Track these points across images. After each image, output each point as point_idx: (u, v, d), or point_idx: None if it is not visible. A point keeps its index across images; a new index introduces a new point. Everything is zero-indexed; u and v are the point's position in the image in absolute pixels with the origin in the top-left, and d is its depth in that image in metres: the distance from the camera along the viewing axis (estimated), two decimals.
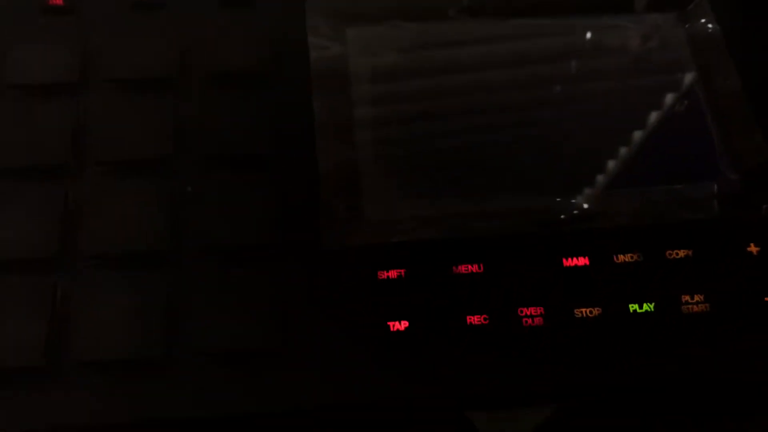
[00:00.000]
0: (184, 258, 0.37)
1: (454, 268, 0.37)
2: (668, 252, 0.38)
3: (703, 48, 0.44)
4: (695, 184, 0.40)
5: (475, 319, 0.36)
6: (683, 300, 0.37)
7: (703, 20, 0.45)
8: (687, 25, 0.45)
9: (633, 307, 0.36)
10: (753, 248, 0.38)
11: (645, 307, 0.36)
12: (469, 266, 0.37)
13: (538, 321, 0.36)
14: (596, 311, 0.36)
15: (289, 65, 0.42)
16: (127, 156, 0.39)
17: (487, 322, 0.36)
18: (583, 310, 0.36)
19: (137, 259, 0.36)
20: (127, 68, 0.41)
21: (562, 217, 0.39)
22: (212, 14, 0.43)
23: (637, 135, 0.42)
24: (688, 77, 0.43)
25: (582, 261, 0.37)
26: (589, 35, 0.45)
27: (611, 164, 0.41)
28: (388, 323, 0.35)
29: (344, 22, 0.44)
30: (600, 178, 0.41)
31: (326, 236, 0.38)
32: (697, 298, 0.37)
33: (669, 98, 0.43)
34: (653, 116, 0.43)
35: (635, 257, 0.37)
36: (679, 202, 0.40)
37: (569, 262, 0.37)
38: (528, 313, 0.36)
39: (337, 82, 0.42)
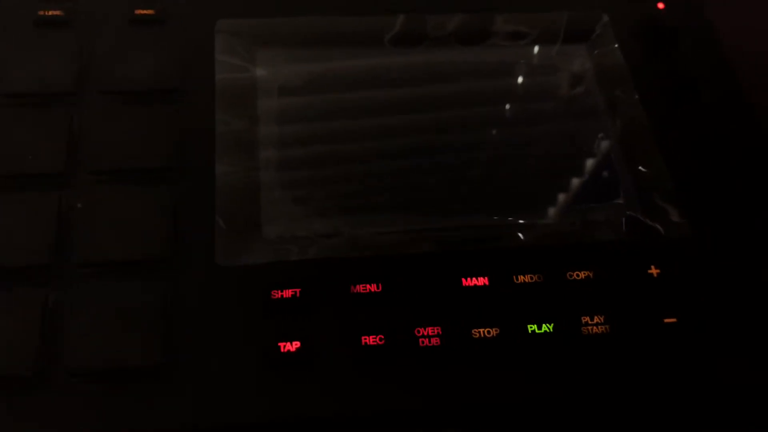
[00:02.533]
0: (68, 273, 0.35)
1: (351, 287, 0.36)
2: (569, 273, 0.37)
3: (609, 78, 0.45)
4: (598, 206, 0.40)
5: (370, 340, 0.35)
6: (583, 321, 0.36)
7: (607, 50, 0.45)
8: (594, 53, 0.46)
9: (532, 327, 0.36)
10: (653, 270, 0.38)
11: (544, 327, 0.36)
12: (367, 285, 0.36)
13: (435, 341, 0.35)
14: (494, 332, 0.35)
15: (195, 82, 0.42)
16: (17, 170, 0.38)
17: (383, 342, 0.35)
18: (481, 330, 0.35)
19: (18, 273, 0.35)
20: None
21: (463, 237, 0.38)
22: (122, 30, 0.43)
23: (542, 160, 0.42)
24: (597, 105, 0.44)
25: (481, 281, 0.37)
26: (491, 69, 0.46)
27: (514, 186, 0.41)
28: (279, 344, 0.34)
29: (255, 43, 0.44)
30: (502, 199, 0.40)
31: (220, 253, 0.36)
32: (597, 319, 0.36)
33: (576, 123, 0.43)
34: (560, 141, 0.43)
35: (535, 278, 0.37)
36: (581, 223, 0.39)
37: (468, 282, 0.37)
38: (425, 333, 0.35)
39: (243, 100, 0.42)
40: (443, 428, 0.34)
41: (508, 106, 0.44)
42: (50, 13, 0.43)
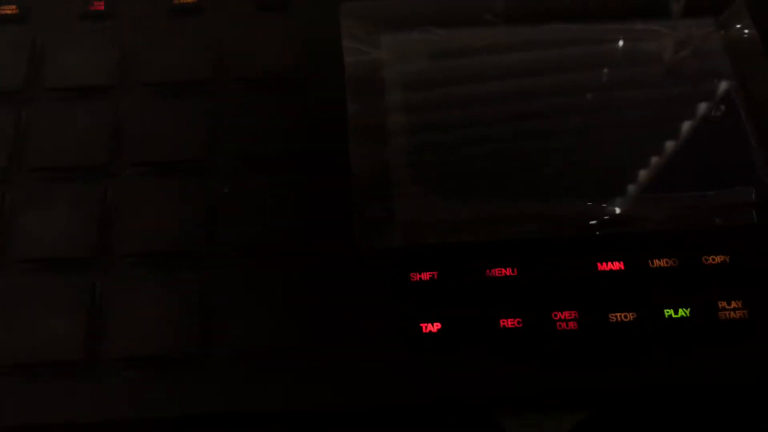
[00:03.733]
0: (219, 257, 0.37)
1: (487, 271, 0.37)
2: (705, 258, 0.37)
3: (740, 54, 0.44)
4: (732, 190, 0.40)
5: (508, 323, 0.36)
6: (720, 306, 0.36)
7: (739, 26, 0.44)
8: (723, 31, 0.45)
9: (668, 312, 0.36)
10: None
11: (680, 312, 0.36)
12: (503, 270, 0.37)
13: (572, 325, 0.36)
14: (631, 316, 0.36)
15: (323, 69, 0.43)
16: (162, 158, 0.39)
17: (520, 325, 0.35)
18: (618, 314, 0.36)
19: (173, 258, 0.37)
20: (164, 72, 0.42)
21: (596, 221, 0.39)
22: (248, 17, 0.44)
23: (672, 142, 0.42)
24: (724, 84, 0.43)
25: (617, 266, 0.37)
26: (622, 42, 0.45)
27: (645, 170, 0.41)
28: (421, 325, 0.35)
29: (378, 27, 0.44)
30: (633, 184, 0.40)
31: (359, 238, 0.38)
32: (734, 304, 0.36)
33: (704, 105, 0.43)
34: (688, 123, 0.42)
35: (671, 262, 0.37)
36: (714, 208, 0.39)
37: (604, 267, 0.37)
38: (562, 317, 0.36)
39: (371, 87, 0.43)
40: (585, 409, 0.35)
41: (634, 91, 0.44)
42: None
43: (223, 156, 0.40)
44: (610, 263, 0.37)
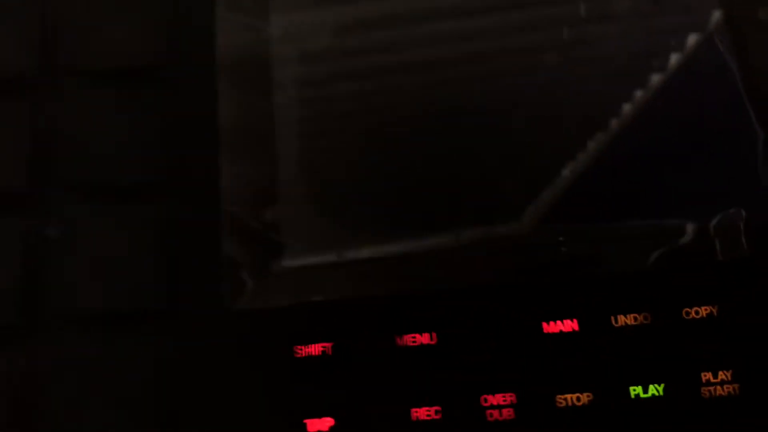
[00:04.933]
0: (43, 329, 0.28)
1: (397, 339, 0.28)
2: (686, 310, 0.28)
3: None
4: (726, 209, 0.30)
5: (422, 413, 0.27)
6: (704, 379, 0.27)
7: None
8: None
9: (635, 390, 0.27)
10: None
11: (652, 390, 0.27)
12: (417, 336, 0.28)
13: (507, 413, 0.27)
14: (586, 398, 0.27)
15: (191, 56, 0.32)
16: None
17: (439, 416, 0.27)
18: (568, 396, 0.27)
19: None
20: None
21: (543, 262, 0.29)
22: None
23: (642, 145, 0.32)
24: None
25: (569, 325, 0.28)
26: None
27: (612, 186, 0.31)
28: (305, 421, 0.27)
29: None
30: (595, 197, 0.30)
31: (228, 293, 0.28)
32: (722, 375, 0.27)
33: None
34: (677, 108, 0.32)
35: (641, 318, 0.28)
36: (702, 234, 0.30)
37: (552, 328, 0.28)
38: (494, 402, 0.27)
39: (253, 76, 0.32)
40: None
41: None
42: None
43: (50, 184, 0.30)
44: (559, 322, 0.28)
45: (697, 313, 0.28)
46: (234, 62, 0.32)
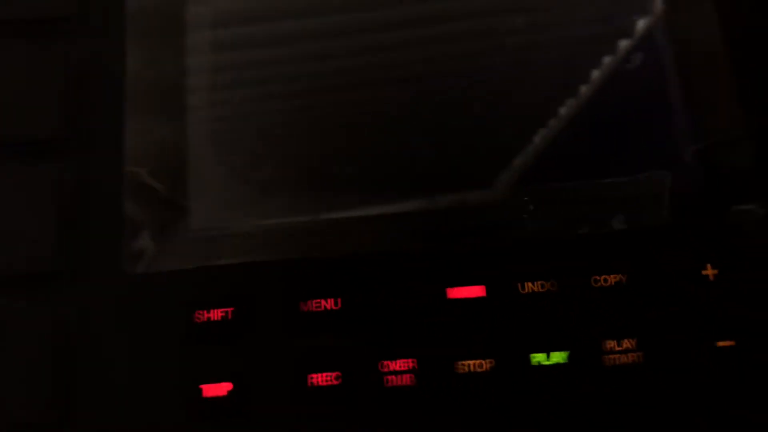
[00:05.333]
0: None
1: (301, 304, 0.27)
2: (594, 278, 0.28)
3: None
4: (639, 177, 0.30)
5: (322, 378, 0.27)
6: (607, 347, 0.27)
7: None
8: None
9: (537, 358, 0.27)
10: (709, 271, 0.28)
11: (555, 357, 0.27)
12: (322, 301, 0.27)
13: (406, 379, 0.27)
14: (487, 364, 0.27)
15: (96, 10, 0.31)
16: None
17: (339, 381, 0.27)
18: (469, 363, 0.27)
19: None
20: None
21: (450, 227, 0.29)
22: None
23: (557, 108, 0.31)
24: (643, 21, 0.32)
25: (474, 291, 0.28)
26: None
27: (522, 151, 0.30)
28: (201, 387, 0.26)
29: None
30: (503, 171, 0.30)
31: (130, 255, 0.28)
32: (626, 344, 0.27)
33: (609, 55, 0.32)
34: (581, 80, 0.31)
35: (548, 285, 0.28)
36: (613, 202, 0.29)
37: (456, 293, 0.28)
38: (394, 366, 0.27)
39: (164, 32, 0.31)
40: None
41: (518, 33, 0.32)
42: None
43: None
44: (464, 288, 0.28)
45: (605, 281, 0.28)
46: (145, 16, 0.31)
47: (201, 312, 0.27)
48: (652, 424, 0.26)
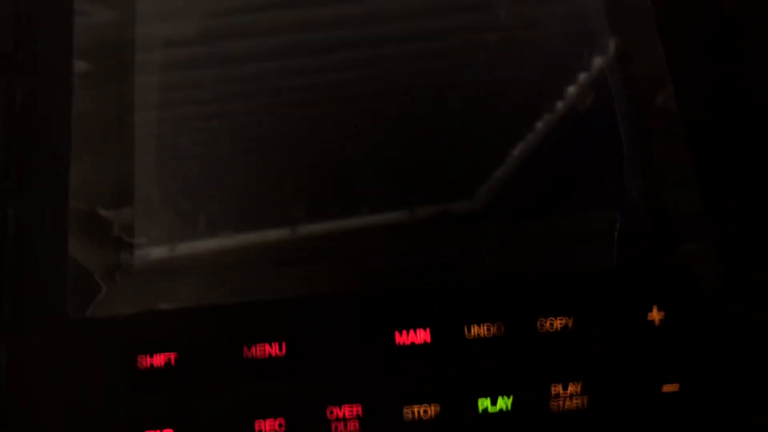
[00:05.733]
0: None
1: (245, 349, 0.27)
2: (540, 322, 0.28)
3: (624, 18, 0.32)
4: (587, 215, 0.30)
5: (267, 425, 0.26)
6: (553, 392, 0.27)
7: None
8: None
9: (483, 403, 0.27)
10: (655, 314, 0.28)
11: (500, 403, 0.27)
12: (267, 347, 0.27)
13: (352, 426, 0.26)
14: (433, 410, 0.27)
15: (43, 38, 0.30)
16: None
17: (282, 428, 0.26)
18: (415, 408, 0.27)
19: None
20: None
21: (395, 269, 0.29)
22: None
23: (510, 142, 0.31)
24: (599, 58, 0.32)
25: (421, 336, 0.28)
26: None
27: (468, 185, 0.30)
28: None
29: None
30: (449, 203, 0.30)
31: (71, 300, 0.27)
32: (572, 388, 0.27)
33: (564, 90, 0.32)
34: (535, 116, 0.31)
35: (493, 330, 0.28)
36: (560, 242, 0.29)
37: (404, 338, 0.27)
38: (339, 414, 0.27)
39: (111, 62, 0.31)
40: None
41: (478, 56, 0.32)
42: None
43: None
44: (411, 332, 0.28)
45: (551, 325, 0.28)
46: (93, 45, 0.30)
47: (143, 357, 0.27)
48: None
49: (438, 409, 0.27)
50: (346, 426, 0.26)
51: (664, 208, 0.30)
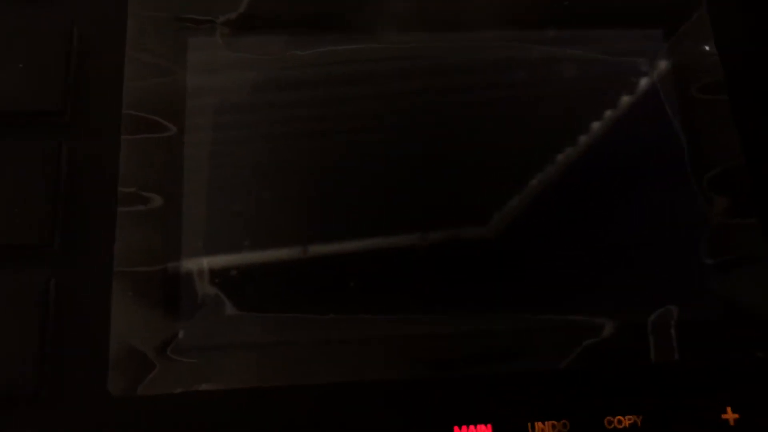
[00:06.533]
0: None
1: None
2: (608, 419, 0.26)
3: (698, 106, 0.31)
4: (661, 302, 0.28)
5: None
6: None
7: (697, 46, 0.31)
8: (674, 55, 0.31)
9: None
10: (729, 414, 0.26)
11: None
12: None
13: None
14: None
15: (92, 101, 0.29)
16: None
17: None
18: None
19: None
20: None
21: (457, 354, 0.27)
22: None
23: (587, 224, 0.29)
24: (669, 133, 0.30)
25: (481, 431, 0.26)
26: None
27: (542, 263, 0.29)
28: None
29: (183, 31, 0.30)
30: (520, 288, 0.28)
31: (115, 377, 0.26)
32: None
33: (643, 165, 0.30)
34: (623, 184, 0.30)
35: (559, 427, 0.26)
36: (632, 330, 0.28)
37: None
38: None
39: (162, 123, 0.29)
40: None
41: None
42: None
43: None
44: (472, 428, 0.26)
45: (619, 422, 0.26)
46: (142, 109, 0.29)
47: None
48: None
49: None
50: None
51: (739, 300, 0.28)
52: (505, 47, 0.31)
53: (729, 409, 0.26)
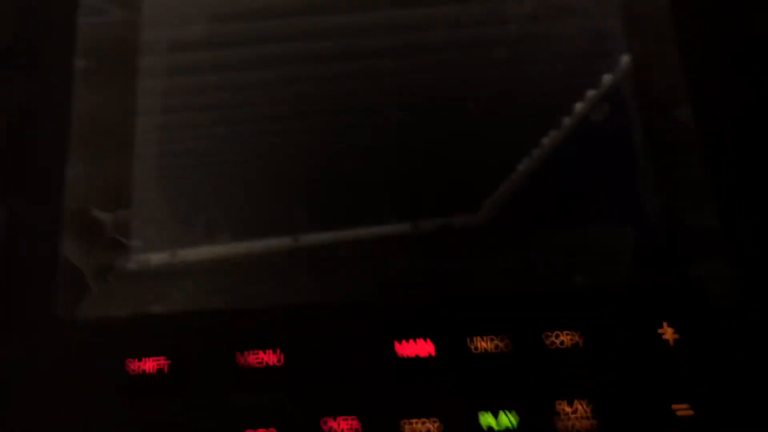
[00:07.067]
0: None
1: (239, 356, 0.26)
2: (547, 336, 0.27)
3: (643, 33, 0.31)
4: (601, 230, 0.29)
5: None
6: (560, 410, 0.26)
7: None
8: None
9: (487, 420, 0.26)
10: (668, 333, 0.27)
11: (504, 420, 0.26)
12: (262, 354, 0.26)
13: None
14: (434, 425, 0.26)
15: (45, 39, 0.30)
16: None
17: None
18: (415, 422, 0.26)
19: None
20: None
21: (398, 278, 0.28)
22: None
23: (519, 154, 0.30)
24: (614, 73, 0.31)
25: (424, 348, 0.26)
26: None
27: (479, 194, 0.29)
28: None
29: None
30: (458, 215, 0.29)
31: (63, 300, 0.26)
32: (579, 407, 0.26)
33: (580, 102, 0.31)
34: (553, 127, 0.30)
35: (499, 345, 0.26)
36: (572, 257, 0.28)
37: (405, 350, 0.26)
38: (335, 426, 0.25)
39: (115, 65, 0.30)
40: None
41: (486, 68, 0.31)
42: None
43: None
44: (413, 343, 0.26)
45: (562, 343, 0.27)
46: (96, 44, 0.30)
47: (134, 362, 0.26)
48: None
49: (438, 424, 0.26)
50: None
51: (679, 224, 0.28)
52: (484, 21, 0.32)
53: (665, 325, 0.27)
